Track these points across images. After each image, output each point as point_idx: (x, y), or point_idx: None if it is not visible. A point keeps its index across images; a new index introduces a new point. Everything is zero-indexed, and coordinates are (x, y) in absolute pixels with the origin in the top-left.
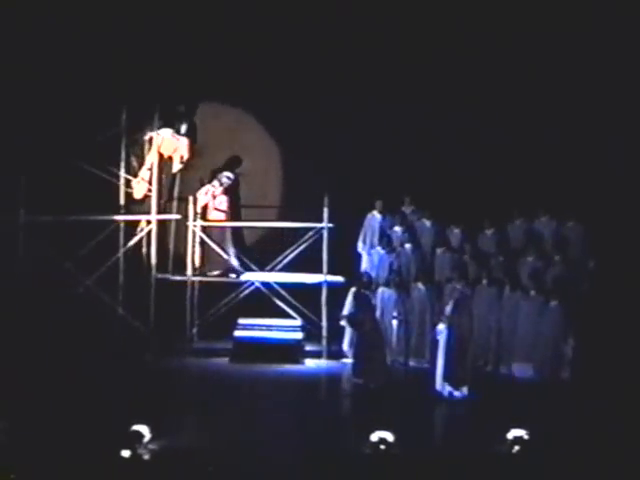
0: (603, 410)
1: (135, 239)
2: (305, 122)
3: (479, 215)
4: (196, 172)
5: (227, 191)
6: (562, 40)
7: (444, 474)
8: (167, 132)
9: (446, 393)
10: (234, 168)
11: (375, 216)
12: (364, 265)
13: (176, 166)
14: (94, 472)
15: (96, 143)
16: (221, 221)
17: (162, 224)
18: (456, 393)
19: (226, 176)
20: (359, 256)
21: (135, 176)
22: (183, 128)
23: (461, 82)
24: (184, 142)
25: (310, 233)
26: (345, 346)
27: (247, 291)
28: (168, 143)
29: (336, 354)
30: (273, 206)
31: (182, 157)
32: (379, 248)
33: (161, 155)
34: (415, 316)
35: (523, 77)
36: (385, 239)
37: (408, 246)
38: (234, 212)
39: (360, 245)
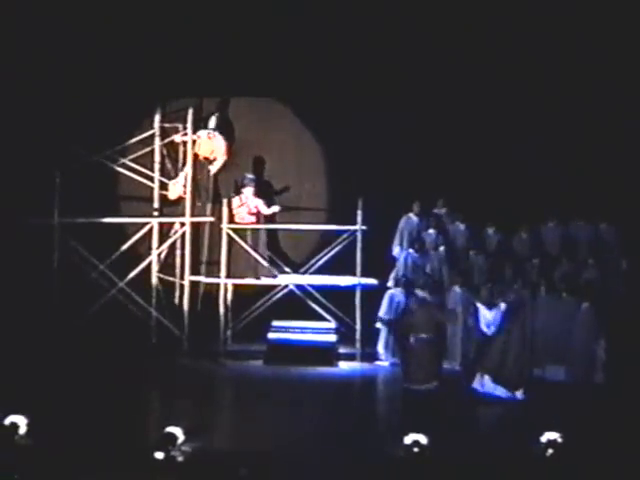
0: (636, 412)
1: (169, 241)
2: (339, 124)
3: (513, 218)
4: (232, 174)
5: (259, 194)
6: (593, 40)
7: (475, 477)
8: (203, 133)
9: (503, 395)
10: (259, 169)
11: (412, 218)
12: (400, 268)
13: (213, 168)
14: (128, 474)
15: (131, 145)
16: (253, 224)
17: (196, 226)
18: (517, 394)
19: (249, 178)
20: (393, 259)
21: (170, 179)
22: (212, 122)
23: (493, 84)
24: (221, 143)
25: (344, 236)
26: (380, 349)
27: (281, 294)
28: (205, 145)
29: (370, 357)
30: (308, 208)
31: (217, 158)
32: (412, 251)
33: (197, 157)
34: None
35: (555, 77)
36: (419, 242)
37: (441, 249)
38: (267, 215)
39: (397, 249)
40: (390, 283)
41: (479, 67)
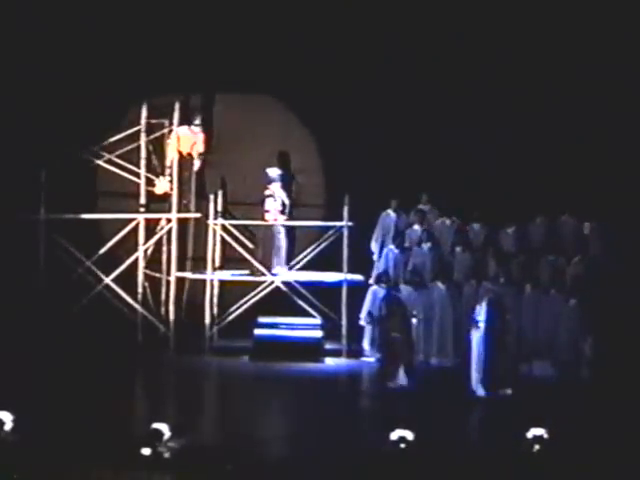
0: (622, 409)
1: (155, 237)
2: (329, 122)
3: (499, 213)
4: (218, 170)
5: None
6: (585, 37)
7: (461, 473)
8: (184, 129)
9: (483, 394)
10: (285, 165)
11: (390, 215)
12: (377, 264)
13: (197, 163)
14: (115, 470)
15: (116, 141)
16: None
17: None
18: (501, 393)
19: (276, 173)
20: (371, 254)
21: (157, 175)
22: (198, 120)
23: (478, 80)
24: (200, 136)
25: (330, 232)
26: (365, 345)
27: (268, 290)
28: (185, 140)
29: (356, 352)
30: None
31: (198, 151)
32: (392, 246)
33: (181, 153)
34: (436, 315)
35: (541, 75)
36: (399, 238)
37: (426, 245)
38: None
39: (373, 244)
40: (371, 280)
41: (465, 65)
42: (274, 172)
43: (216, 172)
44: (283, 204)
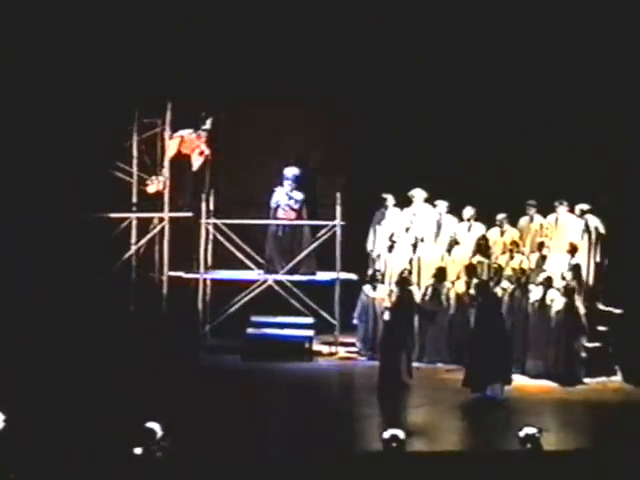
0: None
1: (147, 237)
2: (319, 119)
3: (492, 212)
4: (216, 170)
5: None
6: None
7: (455, 472)
8: (187, 131)
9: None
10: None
11: (385, 213)
12: (377, 263)
13: (196, 163)
14: (107, 470)
15: (109, 141)
16: (296, 219)
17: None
18: (488, 392)
19: (291, 173)
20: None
21: (149, 175)
22: (208, 124)
23: (475, 78)
24: (204, 138)
25: (323, 231)
26: (358, 343)
27: (260, 289)
28: (189, 143)
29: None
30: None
31: (202, 152)
32: (389, 244)
33: (180, 153)
34: None
35: (538, 72)
36: (396, 235)
37: (422, 243)
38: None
39: (369, 243)
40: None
41: (460, 61)
42: (292, 172)
43: (214, 173)
44: (296, 203)
